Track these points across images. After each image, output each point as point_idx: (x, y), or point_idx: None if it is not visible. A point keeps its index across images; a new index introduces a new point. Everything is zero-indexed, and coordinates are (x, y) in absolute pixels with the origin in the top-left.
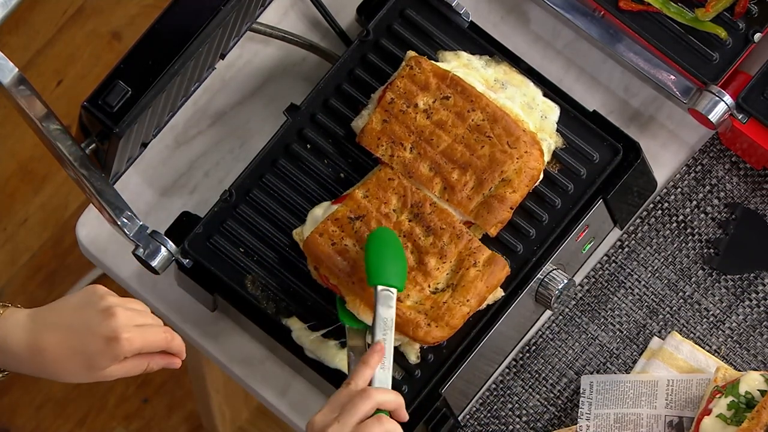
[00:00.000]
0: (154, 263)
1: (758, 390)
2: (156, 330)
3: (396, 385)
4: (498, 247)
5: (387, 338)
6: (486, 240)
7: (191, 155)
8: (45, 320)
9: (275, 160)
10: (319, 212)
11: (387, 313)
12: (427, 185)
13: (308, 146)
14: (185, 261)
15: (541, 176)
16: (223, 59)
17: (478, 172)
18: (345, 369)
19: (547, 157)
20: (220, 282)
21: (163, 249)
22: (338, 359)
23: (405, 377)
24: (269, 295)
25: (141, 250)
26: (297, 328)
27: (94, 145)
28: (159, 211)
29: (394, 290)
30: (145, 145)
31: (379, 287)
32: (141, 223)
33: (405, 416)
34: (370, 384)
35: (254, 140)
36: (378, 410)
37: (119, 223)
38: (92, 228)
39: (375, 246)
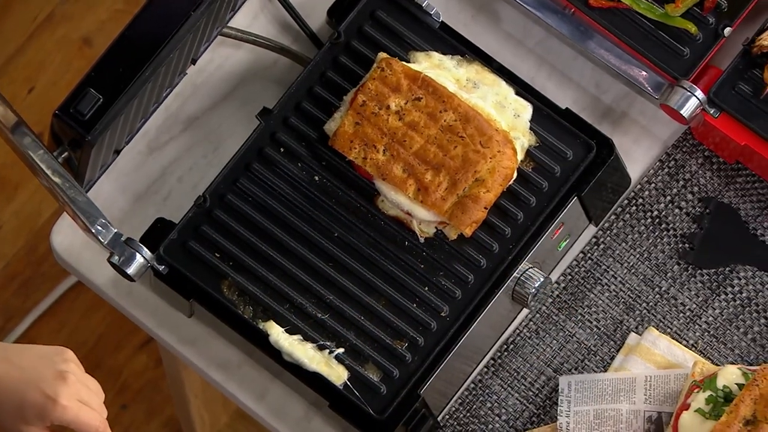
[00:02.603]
0: (130, 270)
1: (736, 384)
2: (93, 414)
3: (374, 387)
4: (473, 246)
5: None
6: (461, 240)
7: (164, 161)
8: (5, 351)
9: (249, 164)
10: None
11: None
12: (401, 187)
13: (282, 150)
14: (161, 267)
15: (515, 175)
16: (194, 64)
17: (451, 172)
18: (323, 372)
19: (520, 156)
20: (196, 287)
21: (138, 256)
22: (316, 363)
23: (383, 379)
24: (246, 299)
25: (116, 257)
26: (275, 332)
27: (66, 154)
28: (133, 217)
29: None
30: (117, 152)
31: None
32: (115, 230)
33: None
34: None
35: (227, 144)
36: None
37: (93, 230)
38: (66, 235)
39: None
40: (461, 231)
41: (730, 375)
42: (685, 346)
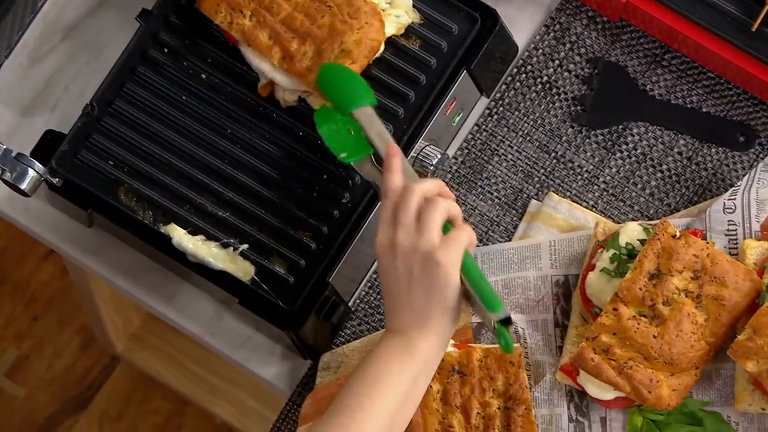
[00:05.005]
0: (23, 186)
1: (638, 240)
2: None
3: (282, 279)
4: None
5: (392, 141)
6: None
7: (47, 72)
8: None
9: (134, 68)
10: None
11: (377, 126)
12: (266, 54)
13: (165, 50)
14: (55, 180)
15: (382, 48)
16: None
17: (317, 42)
18: (229, 269)
19: (391, 31)
20: (93, 197)
21: (30, 171)
22: (221, 260)
23: (291, 270)
24: (145, 204)
25: (8, 174)
26: (177, 234)
27: None
28: (21, 132)
29: (369, 106)
30: None
31: (356, 112)
32: (5, 146)
33: (451, 194)
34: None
35: (110, 50)
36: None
37: None
38: None
39: (328, 80)
40: (324, 102)
41: (631, 232)
42: (585, 207)
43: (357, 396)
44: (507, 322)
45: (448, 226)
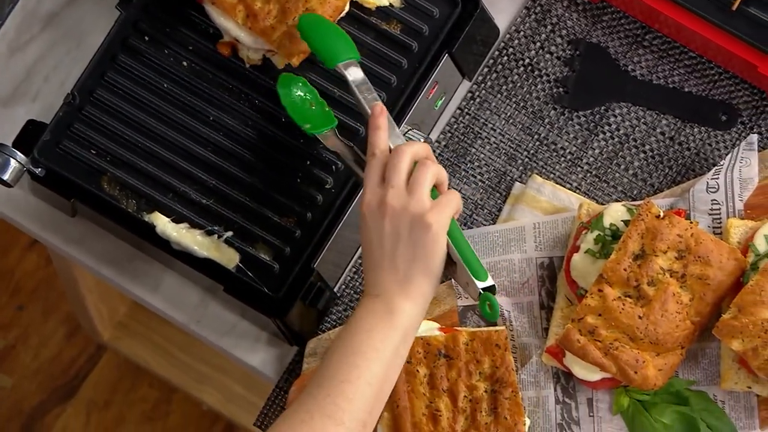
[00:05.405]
0: (6, 176)
1: (622, 221)
2: None
3: (267, 266)
4: (350, 114)
5: (377, 99)
6: (341, 109)
7: (27, 61)
8: None
9: (115, 56)
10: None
11: (361, 79)
12: (230, 12)
13: (146, 38)
14: (37, 170)
15: (347, 8)
16: None
17: (281, 0)
18: (213, 257)
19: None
20: (76, 186)
21: (12, 161)
22: (206, 248)
23: (276, 257)
24: (128, 193)
25: None
26: (161, 222)
27: None
28: (2, 122)
29: (354, 62)
30: None
31: (341, 65)
32: None
33: (436, 162)
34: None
35: (91, 39)
36: None
37: None
38: None
39: (314, 30)
40: (289, 61)
41: (615, 213)
42: (569, 189)
43: (342, 366)
44: (492, 290)
45: (434, 191)
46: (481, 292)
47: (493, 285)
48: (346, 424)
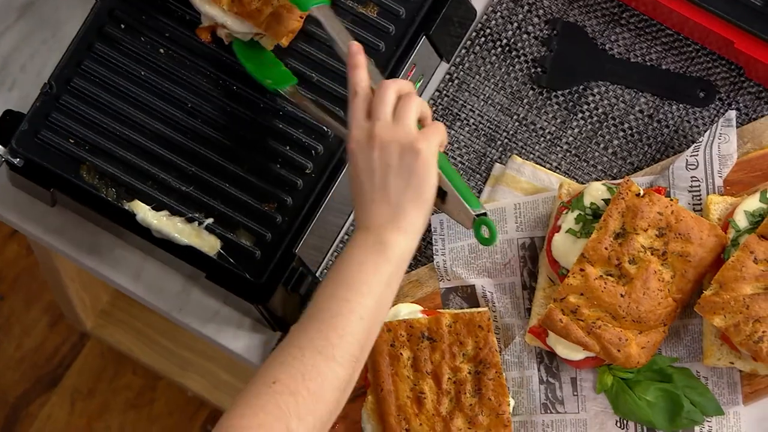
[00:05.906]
0: None
1: (602, 199)
2: None
3: (248, 252)
4: (329, 98)
5: (352, 39)
6: (320, 93)
7: (3, 51)
8: None
9: (91, 45)
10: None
11: (337, 24)
12: None
13: (123, 26)
14: (16, 160)
15: None
16: None
17: None
18: (195, 244)
19: None
20: (55, 176)
21: None
22: (187, 235)
23: (257, 243)
24: (107, 182)
25: None
26: (141, 210)
27: None
28: None
29: (327, 6)
30: None
31: (316, 9)
32: None
33: (418, 96)
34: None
35: (67, 28)
36: None
37: None
38: None
39: None
40: (278, 42)
41: (595, 191)
42: (549, 169)
43: (334, 299)
44: (485, 216)
45: (418, 125)
46: (476, 217)
47: (486, 212)
48: (337, 360)
